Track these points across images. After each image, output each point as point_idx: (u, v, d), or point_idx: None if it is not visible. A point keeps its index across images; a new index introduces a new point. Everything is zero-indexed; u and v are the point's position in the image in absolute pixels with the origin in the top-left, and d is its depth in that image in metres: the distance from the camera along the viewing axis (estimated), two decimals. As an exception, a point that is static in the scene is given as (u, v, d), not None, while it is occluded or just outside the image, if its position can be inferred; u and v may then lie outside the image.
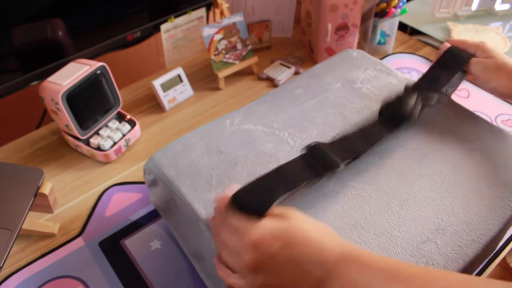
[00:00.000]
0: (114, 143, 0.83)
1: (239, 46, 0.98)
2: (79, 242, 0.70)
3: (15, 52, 0.79)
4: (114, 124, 0.85)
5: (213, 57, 0.95)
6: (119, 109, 0.86)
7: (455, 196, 0.56)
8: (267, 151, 0.61)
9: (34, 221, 0.71)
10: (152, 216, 0.73)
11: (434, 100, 0.63)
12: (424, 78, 0.65)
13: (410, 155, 0.60)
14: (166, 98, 0.94)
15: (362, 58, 0.78)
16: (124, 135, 0.84)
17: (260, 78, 1.02)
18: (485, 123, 0.65)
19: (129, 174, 0.81)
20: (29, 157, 0.85)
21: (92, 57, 0.88)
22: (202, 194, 0.55)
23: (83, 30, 0.87)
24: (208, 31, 0.93)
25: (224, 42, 0.96)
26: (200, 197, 0.55)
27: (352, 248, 0.41)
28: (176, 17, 0.99)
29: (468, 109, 0.68)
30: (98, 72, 0.80)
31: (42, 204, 0.63)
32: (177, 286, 0.64)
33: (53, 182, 0.78)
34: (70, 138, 0.83)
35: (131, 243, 0.69)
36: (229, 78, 1.01)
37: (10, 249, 0.56)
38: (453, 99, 0.70)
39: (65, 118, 0.77)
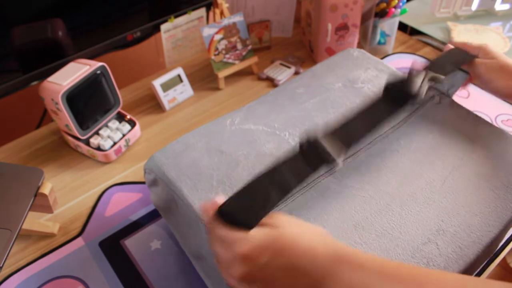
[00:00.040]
0: (114, 143, 0.82)
1: (239, 46, 0.98)
2: (79, 242, 0.70)
3: (15, 52, 0.79)
4: (114, 124, 0.85)
5: (213, 57, 0.95)
6: (119, 109, 0.86)
7: (456, 197, 0.56)
8: (268, 151, 0.60)
9: (34, 221, 0.70)
10: (152, 216, 0.73)
11: (441, 81, 0.61)
12: (430, 63, 0.65)
13: (411, 156, 0.60)
14: (166, 98, 0.93)
15: (363, 57, 0.78)
16: (124, 135, 0.84)
17: (260, 78, 1.01)
18: (486, 124, 0.65)
19: (129, 174, 0.81)
20: (29, 157, 0.85)
21: (92, 57, 0.88)
22: (203, 194, 0.55)
23: (83, 30, 0.87)
24: (208, 31, 0.93)
25: (224, 42, 0.95)
26: (200, 197, 0.55)
27: (345, 249, 0.41)
28: (176, 17, 0.99)
29: (469, 109, 0.68)
30: (98, 72, 0.79)
31: (42, 204, 0.63)
32: (177, 286, 0.64)
33: (53, 182, 0.78)
34: (70, 138, 0.83)
35: (131, 243, 0.69)
36: (229, 78, 1.01)
37: (10, 249, 0.55)
38: (454, 100, 0.70)
39: (65, 118, 0.77)
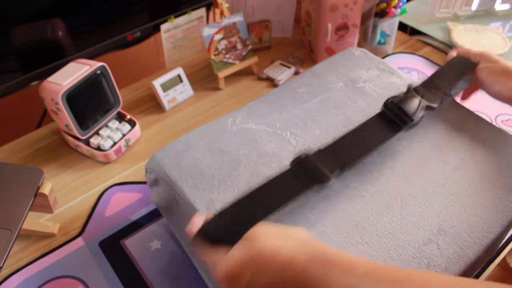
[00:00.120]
0: (114, 143, 0.82)
1: (239, 46, 0.97)
2: (79, 242, 0.70)
3: (15, 52, 0.79)
4: (114, 124, 0.85)
5: (213, 57, 0.95)
6: (119, 109, 0.86)
7: (457, 197, 0.56)
8: (270, 151, 0.60)
9: (34, 221, 0.70)
10: (152, 216, 0.73)
11: (437, 103, 0.63)
12: (428, 81, 0.66)
13: (412, 156, 0.60)
14: (166, 98, 0.93)
15: (365, 57, 0.77)
16: (124, 135, 0.84)
17: (260, 78, 1.01)
18: (487, 125, 0.65)
19: (129, 174, 0.81)
20: (29, 157, 0.85)
21: (92, 57, 0.87)
22: (204, 194, 0.55)
23: (83, 30, 0.86)
24: (208, 31, 0.93)
25: (224, 42, 0.95)
26: (202, 197, 0.55)
27: (327, 251, 0.41)
28: (176, 17, 0.99)
29: (470, 110, 0.68)
30: (98, 72, 0.79)
31: (42, 204, 0.63)
32: (177, 286, 0.64)
33: (53, 182, 0.78)
34: (70, 138, 0.83)
35: (131, 243, 0.69)
36: (229, 78, 1.01)
37: (10, 249, 0.55)
38: (456, 101, 0.70)
39: (65, 118, 0.76)
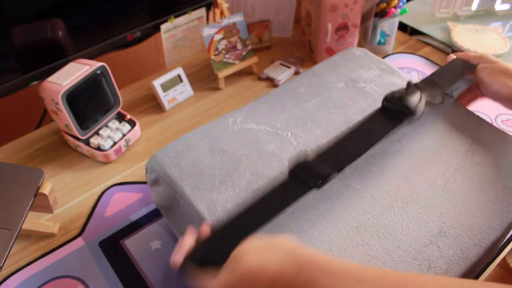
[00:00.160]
0: (114, 143, 0.82)
1: (239, 46, 0.97)
2: (79, 242, 0.70)
3: (15, 52, 0.79)
4: (114, 124, 0.85)
5: (213, 57, 0.95)
6: (119, 109, 0.86)
7: (458, 199, 0.56)
8: (270, 151, 0.60)
9: (34, 221, 0.70)
10: (152, 216, 0.73)
11: (438, 99, 0.62)
12: (428, 79, 0.66)
13: (413, 157, 0.60)
14: (166, 98, 0.93)
15: (366, 57, 0.77)
16: (124, 135, 0.84)
17: (260, 78, 1.01)
18: (488, 126, 0.65)
19: (129, 174, 0.81)
20: (29, 157, 0.85)
21: (92, 57, 0.87)
22: (205, 194, 0.55)
23: (83, 30, 0.86)
24: (208, 31, 0.93)
25: (224, 42, 0.95)
26: (203, 197, 0.55)
27: (314, 257, 0.41)
28: (176, 17, 0.99)
29: (471, 111, 0.68)
30: (98, 72, 0.79)
31: (42, 204, 0.63)
32: (177, 286, 0.63)
33: (53, 182, 0.78)
34: (70, 138, 0.83)
35: (131, 243, 0.69)
36: (229, 78, 1.01)
37: (10, 249, 0.55)
38: (457, 101, 0.70)
39: (65, 118, 0.76)
